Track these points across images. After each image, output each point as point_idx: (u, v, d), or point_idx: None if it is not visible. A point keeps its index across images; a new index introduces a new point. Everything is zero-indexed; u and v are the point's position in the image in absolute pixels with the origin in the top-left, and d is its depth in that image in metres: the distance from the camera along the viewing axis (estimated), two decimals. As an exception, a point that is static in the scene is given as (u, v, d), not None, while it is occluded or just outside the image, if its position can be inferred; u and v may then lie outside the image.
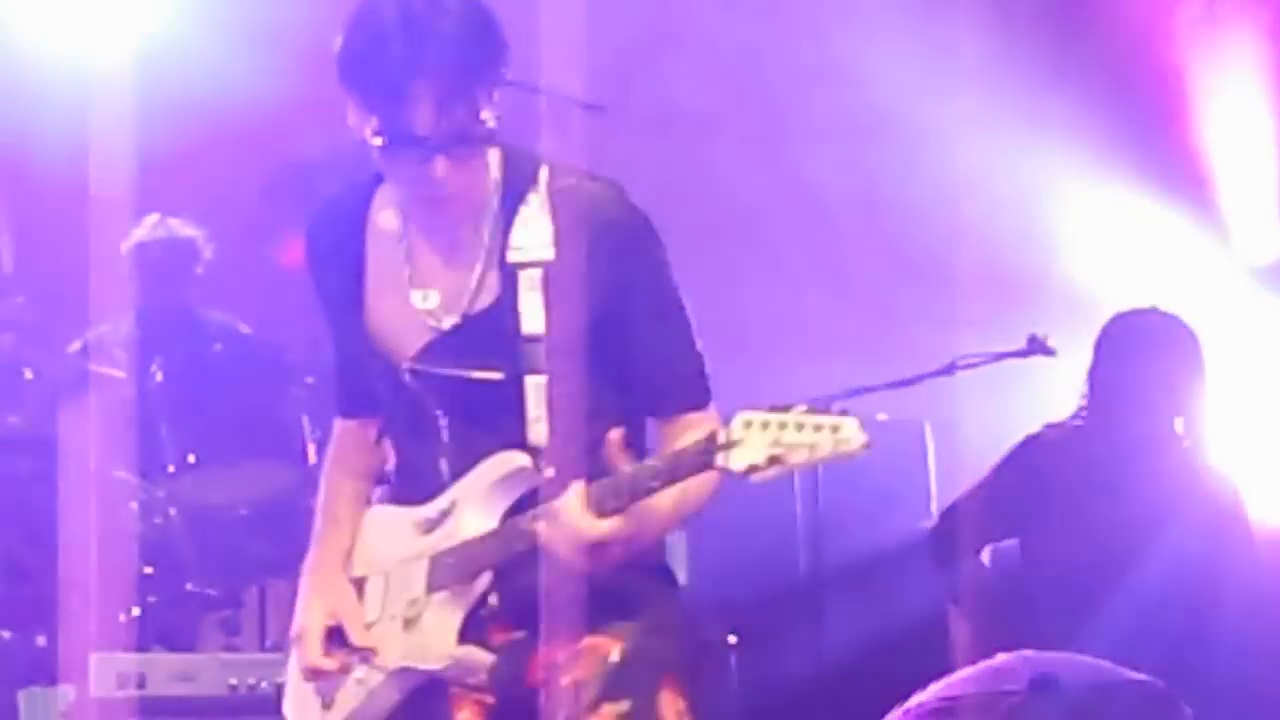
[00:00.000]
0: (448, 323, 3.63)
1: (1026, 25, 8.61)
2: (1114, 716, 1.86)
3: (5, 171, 7.56)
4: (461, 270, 3.63)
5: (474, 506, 3.64)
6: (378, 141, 3.50)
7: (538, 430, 3.59)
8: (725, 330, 4.54)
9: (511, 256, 3.61)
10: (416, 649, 3.68)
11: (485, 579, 3.64)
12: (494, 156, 3.66)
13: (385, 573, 3.76)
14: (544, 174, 3.70)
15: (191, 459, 7.02)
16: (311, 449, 7.16)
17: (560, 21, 8.11)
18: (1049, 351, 6.02)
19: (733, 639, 6.26)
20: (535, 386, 3.57)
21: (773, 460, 3.39)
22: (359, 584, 3.82)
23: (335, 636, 3.79)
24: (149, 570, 6.33)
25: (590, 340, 3.58)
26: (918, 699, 1.96)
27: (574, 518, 3.47)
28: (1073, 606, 5.45)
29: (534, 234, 3.62)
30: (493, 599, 3.65)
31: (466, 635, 3.67)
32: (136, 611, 6.04)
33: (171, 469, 6.97)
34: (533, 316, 3.58)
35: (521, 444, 3.61)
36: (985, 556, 5.86)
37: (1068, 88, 8.47)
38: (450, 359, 3.63)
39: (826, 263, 8.52)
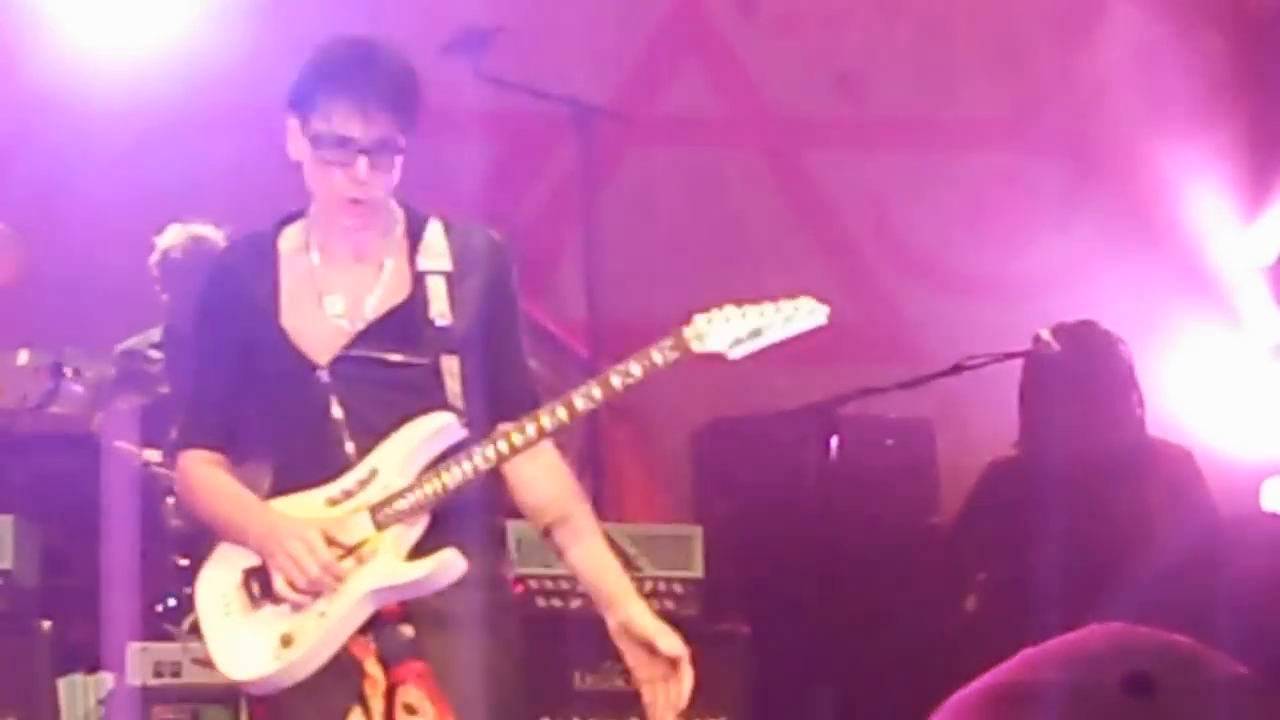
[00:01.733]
0: (360, 322, 4.22)
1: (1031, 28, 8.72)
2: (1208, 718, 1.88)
3: (30, 178, 7.63)
4: (368, 281, 4.25)
5: (399, 465, 4.14)
6: (310, 149, 4.17)
7: (456, 400, 4.17)
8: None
9: (421, 265, 4.25)
10: (383, 573, 4.10)
11: (425, 518, 4.14)
12: (396, 207, 4.31)
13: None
14: (436, 220, 4.33)
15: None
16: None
17: (578, 30, 8.26)
18: (1053, 352, 6.14)
19: (746, 630, 6.35)
20: (449, 365, 4.17)
21: (753, 333, 4.05)
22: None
23: (264, 584, 4.15)
24: (184, 562, 6.43)
25: (480, 339, 4.24)
26: (997, 678, 1.96)
27: None
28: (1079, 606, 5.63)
29: (435, 254, 4.27)
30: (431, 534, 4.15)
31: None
32: (172, 602, 6.13)
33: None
34: (441, 311, 4.21)
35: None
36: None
37: (1071, 90, 8.58)
38: (372, 349, 4.20)
39: (838, 266, 8.62)
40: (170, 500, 6.17)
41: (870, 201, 8.61)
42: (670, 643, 4.23)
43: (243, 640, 4.19)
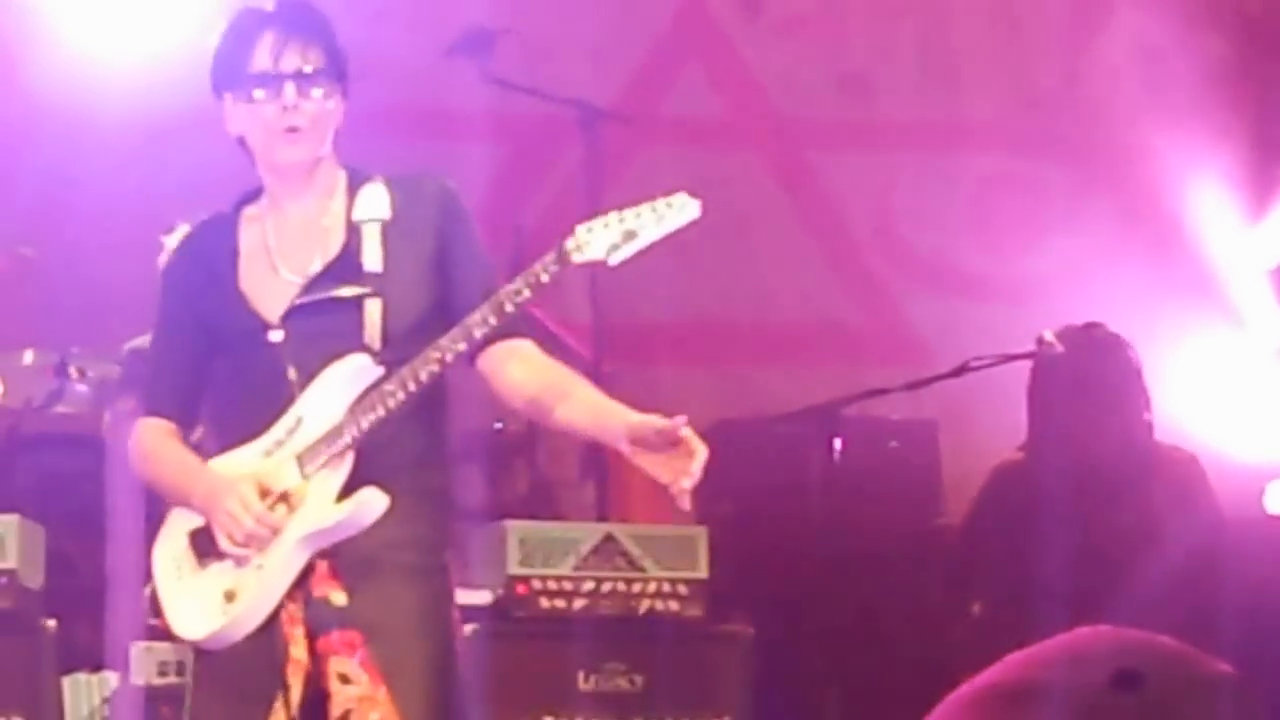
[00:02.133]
0: (304, 279, 4.34)
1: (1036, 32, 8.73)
2: (1195, 715, 1.89)
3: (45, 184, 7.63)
4: (314, 240, 4.38)
5: (321, 409, 4.25)
6: (244, 105, 4.33)
7: (373, 343, 4.27)
8: (745, 333, 4.71)
9: (356, 216, 4.37)
10: (311, 518, 4.19)
11: (351, 457, 4.22)
12: (339, 169, 4.44)
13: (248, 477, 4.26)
14: (380, 177, 4.44)
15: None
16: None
17: (583, 33, 8.27)
18: (1056, 353, 6.15)
19: (750, 631, 6.36)
20: (371, 308, 4.28)
21: (627, 235, 4.14)
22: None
23: (209, 542, 4.25)
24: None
25: (424, 280, 4.34)
26: (988, 678, 1.99)
27: None
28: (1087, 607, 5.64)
29: (374, 203, 4.38)
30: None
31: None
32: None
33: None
34: (373, 257, 4.32)
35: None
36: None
37: (1075, 92, 8.60)
38: (308, 300, 4.33)
39: (842, 268, 8.63)
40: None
41: (874, 203, 8.63)
42: (673, 419, 4.13)
43: (190, 600, 4.29)
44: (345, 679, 4.16)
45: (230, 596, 4.23)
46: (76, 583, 6.33)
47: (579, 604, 6.16)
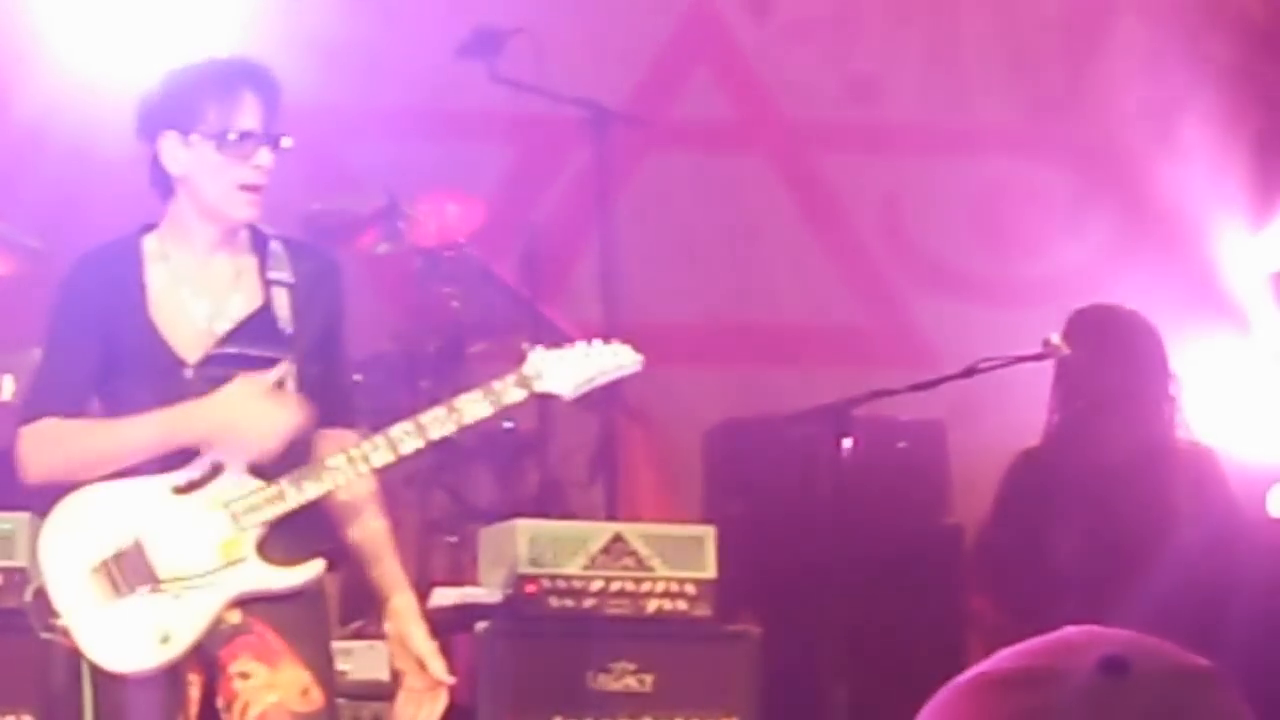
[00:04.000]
0: (221, 327, 4.49)
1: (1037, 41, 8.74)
2: (1181, 704, 1.94)
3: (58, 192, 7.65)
4: (226, 285, 4.54)
5: (239, 463, 4.40)
6: (212, 149, 4.44)
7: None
8: (755, 334, 4.74)
9: (270, 276, 4.54)
10: (255, 577, 4.40)
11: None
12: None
13: (171, 532, 4.41)
14: (276, 237, 4.62)
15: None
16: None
17: (594, 34, 8.29)
18: (1064, 355, 6.17)
19: (758, 630, 6.37)
20: (288, 370, 4.45)
21: (590, 380, 4.53)
22: (138, 549, 4.41)
23: (132, 572, 4.36)
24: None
25: (318, 352, 4.56)
26: (982, 667, 2.05)
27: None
28: (1097, 601, 5.67)
29: (280, 266, 4.56)
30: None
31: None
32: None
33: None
34: (285, 319, 4.50)
35: None
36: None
37: (1081, 96, 8.61)
38: (237, 348, 4.48)
39: (851, 269, 8.65)
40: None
41: (882, 205, 8.65)
42: (439, 666, 4.57)
43: (116, 631, 4.39)
44: (245, 675, 4.39)
45: (165, 639, 4.35)
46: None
47: (588, 603, 6.17)
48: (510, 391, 4.46)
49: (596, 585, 6.19)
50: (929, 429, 7.49)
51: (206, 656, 4.41)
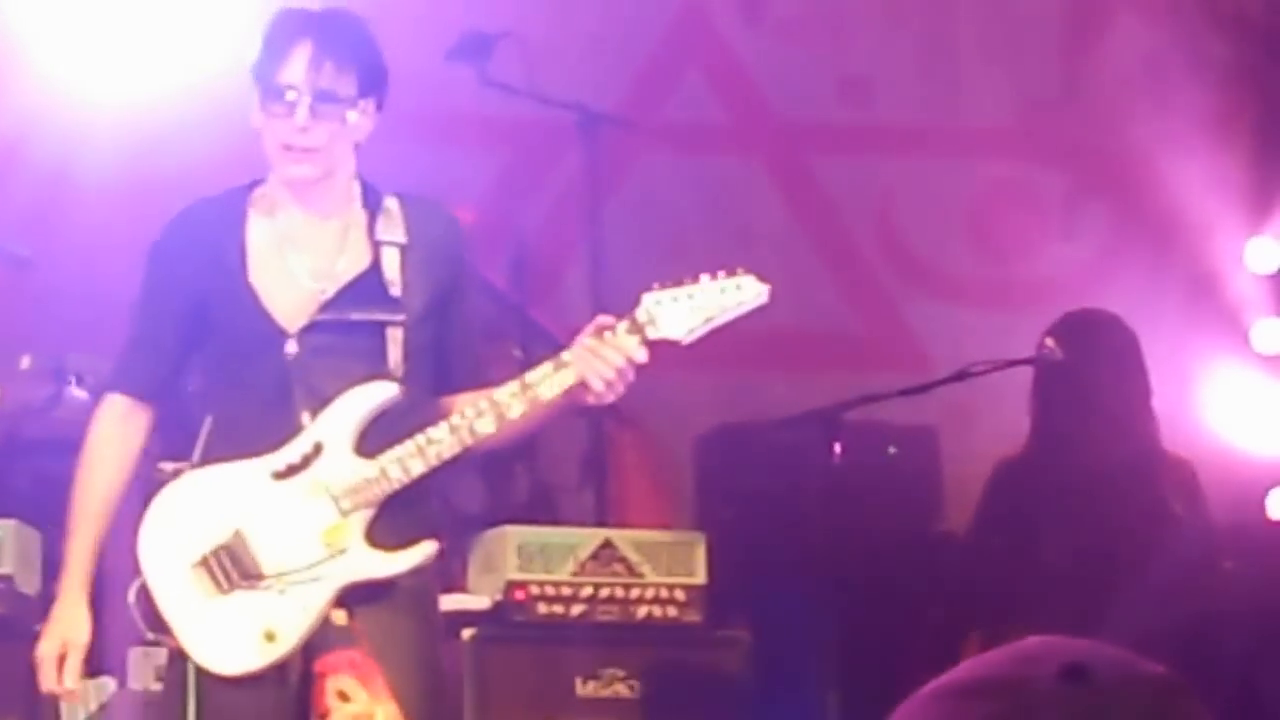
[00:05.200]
0: (328, 283, 4.28)
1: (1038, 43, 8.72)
2: (1140, 710, 1.94)
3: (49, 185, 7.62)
4: (333, 244, 4.32)
5: (340, 441, 4.19)
6: (258, 101, 4.25)
7: (396, 369, 4.25)
8: (745, 338, 4.69)
9: (378, 236, 4.32)
10: (362, 566, 4.19)
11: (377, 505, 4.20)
12: (355, 182, 4.40)
13: (272, 522, 4.21)
14: (393, 195, 4.42)
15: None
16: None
17: (583, 37, 8.26)
18: (1057, 359, 6.14)
19: (749, 636, 6.35)
20: (394, 334, 4.26)
21: (707, 320, 4.25)
22: (240, 541, 4.21)
23: (234, 569, 4.19)
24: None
25: (432, 313, 4.35)
26: (944, 679, 2.06)
27: None
28: (1080, 609, 5.64)
29: (392, 226, 4.34)
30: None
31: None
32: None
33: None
34: (394, 281, 4.28)
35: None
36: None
37: (1076, 98, 8.58)
38: (340, 314, 4.28)
39: (843, 273, 8.61)
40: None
41: (875, 208, 8.61)
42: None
43: (218, 630, 4.22)
44: (344, 696, 4.16)
45: (271, 637, 4.18)
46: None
47: (577, 609, 6.15)
48: (623, 339, 4.20)
49: (586, 591, 6.18)
50: (921, 434, 7.48)
51: (307, 658, 4.22)
